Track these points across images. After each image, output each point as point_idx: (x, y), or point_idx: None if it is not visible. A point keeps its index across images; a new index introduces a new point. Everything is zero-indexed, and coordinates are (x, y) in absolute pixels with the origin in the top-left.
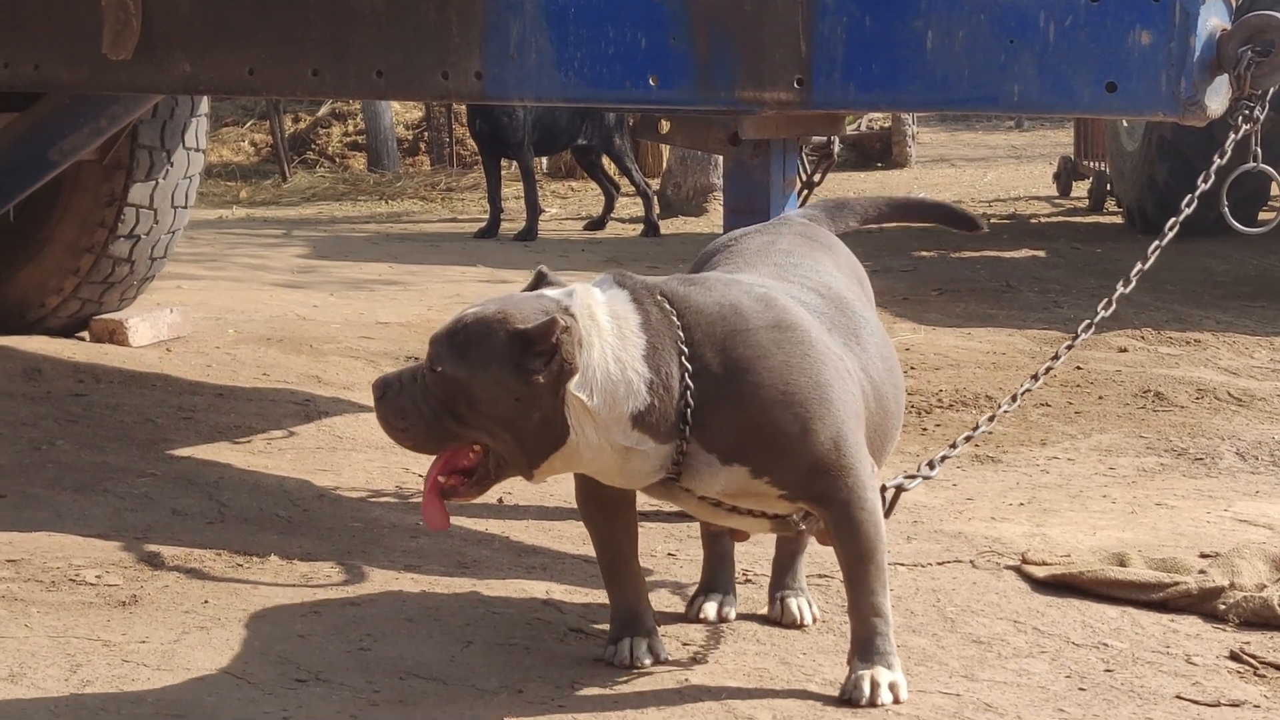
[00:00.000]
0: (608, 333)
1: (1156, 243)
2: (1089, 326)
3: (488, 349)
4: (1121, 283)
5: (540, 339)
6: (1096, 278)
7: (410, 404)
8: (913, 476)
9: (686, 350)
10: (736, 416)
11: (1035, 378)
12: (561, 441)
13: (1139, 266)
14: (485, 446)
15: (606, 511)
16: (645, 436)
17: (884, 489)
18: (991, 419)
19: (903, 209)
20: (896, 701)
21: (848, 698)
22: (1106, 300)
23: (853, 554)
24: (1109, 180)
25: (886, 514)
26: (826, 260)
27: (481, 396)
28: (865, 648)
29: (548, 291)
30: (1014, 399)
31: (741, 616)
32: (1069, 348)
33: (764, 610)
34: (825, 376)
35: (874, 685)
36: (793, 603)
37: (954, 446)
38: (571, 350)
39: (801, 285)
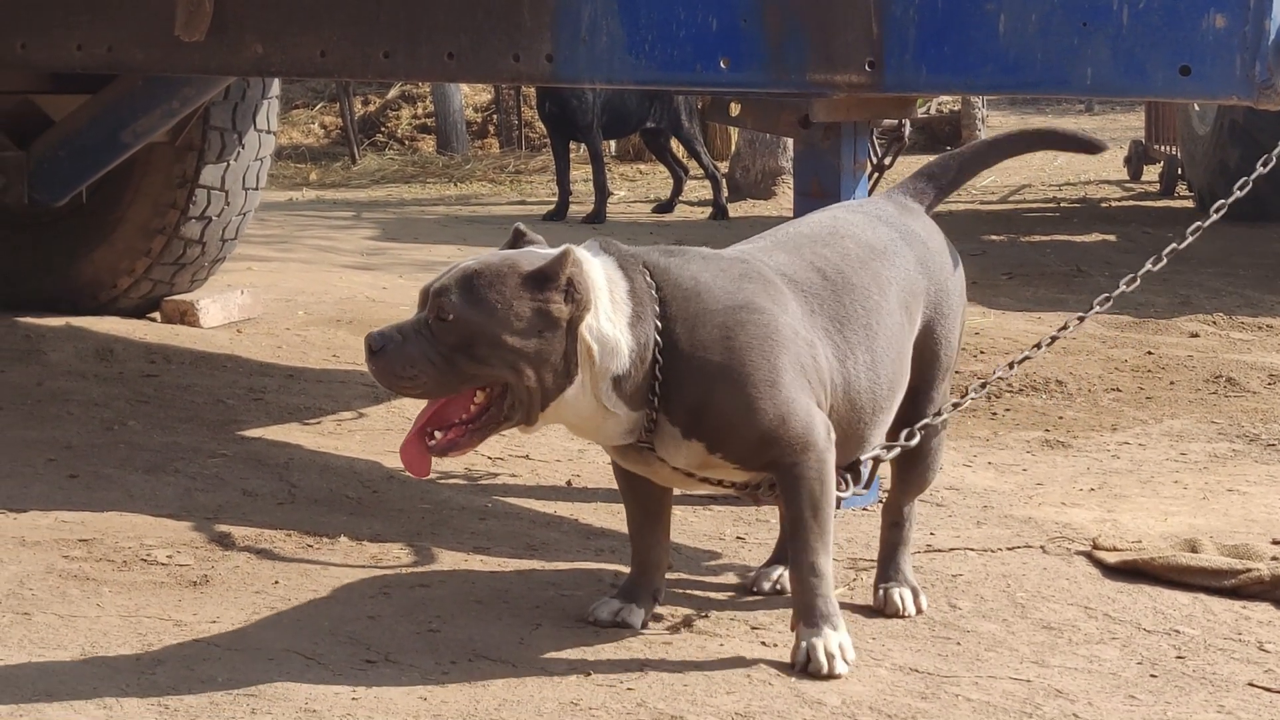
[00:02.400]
0: (602, 293)
1: (1198, 224)
2: (1123, 291)
3: (505, 290)
4: (1151, 261)
5: (555, 273)
6: (1168, 262)
7: (418, 352)
8: (891, 446)
9: (660, 325)
10: (694, 394)
11: (1053, 340)
12: (568, 384)
13: (1172, 246)
14: (496, 391)
15: (630, 482)
16: (620, 401)
17: (860, 461)
18: (984, 386)
19: (1005, 146)
20: (846, 662)
21: (802, 668)
22: (1131, 276)
23: (795, 512)
24: (1180, 164)
25: (866, 484)
26: (883, 241)
27: (504, 333)
28: (808, 612)
29: (539, 248)
30: (1011, 366)
31: None
32: (1080, 320)
33: (834, 594)
34: (778, 359)
35: (828, 655)
36: (895, 593)
37: (939, 414)
38: (585, 283)
39: (809, 265)
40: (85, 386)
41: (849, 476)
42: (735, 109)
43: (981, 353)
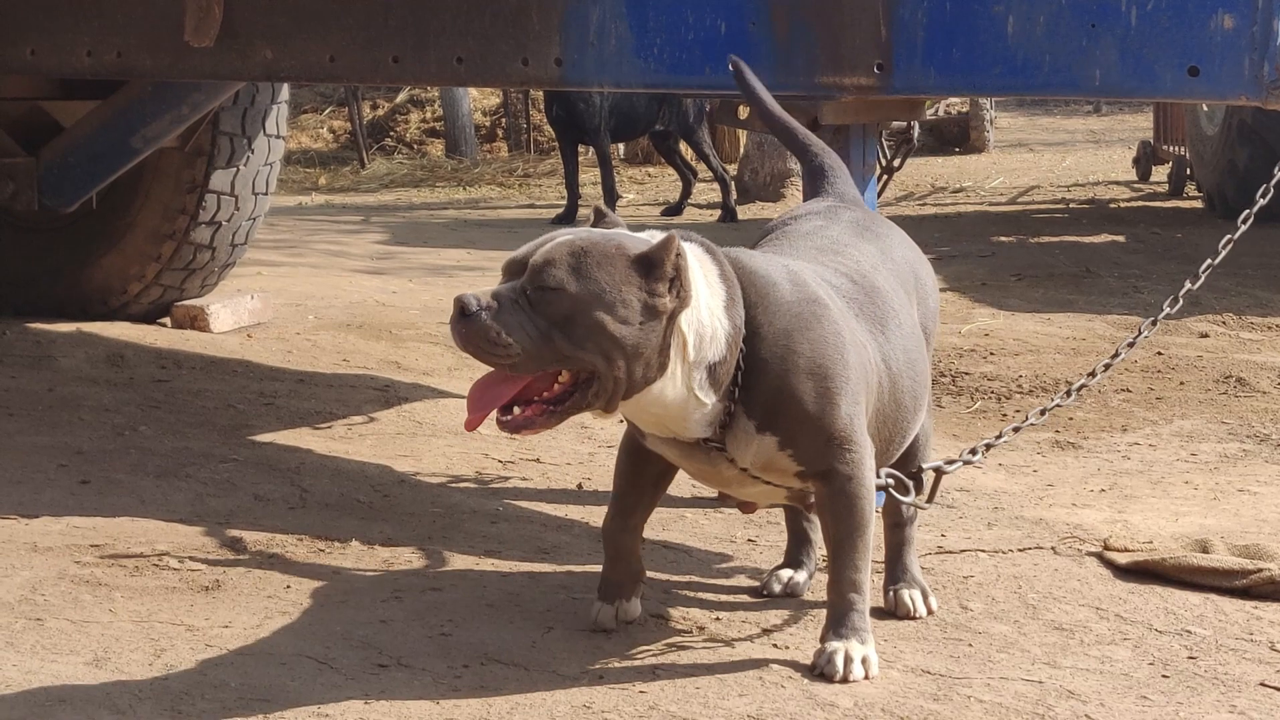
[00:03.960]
0: (699, 277)
1: (1229, 236)
2: (1168, 313)
3: (614, 270)
4: (1190, 279)
5: (661, 261)
6: (1176, 263)
7: (515, 322)
8: (953, 461)
9: (744, 312)
10: (773, 384)
11: (1107, 366)
12: (659, 376)
13: (1209, 263)
14: (582, 376)
15: (634, 463)
16: (711, 390)
17: (920, 471)
18: (1043, 413)
19: None
20: (867, 677)
21: (820, 671)
22: (1172, 297)
23: (844, 529)
24: (1189, 165)
25: (930, 498)
26: (872, 248)
27: (607, 318)
28: (841, 621)
29: (626, 231)
30: (1078, 388)
31: (823, 603)
32: (1138, 338)
33: None
34: (849, 356)
35: (847, 660)
36: (905, 594)
37: (999, 436)
38: (689, 275)
39: (835, 270)
40: (96, 392)
41: (911, 485)
42: (744, 112)
43: (991, 354)
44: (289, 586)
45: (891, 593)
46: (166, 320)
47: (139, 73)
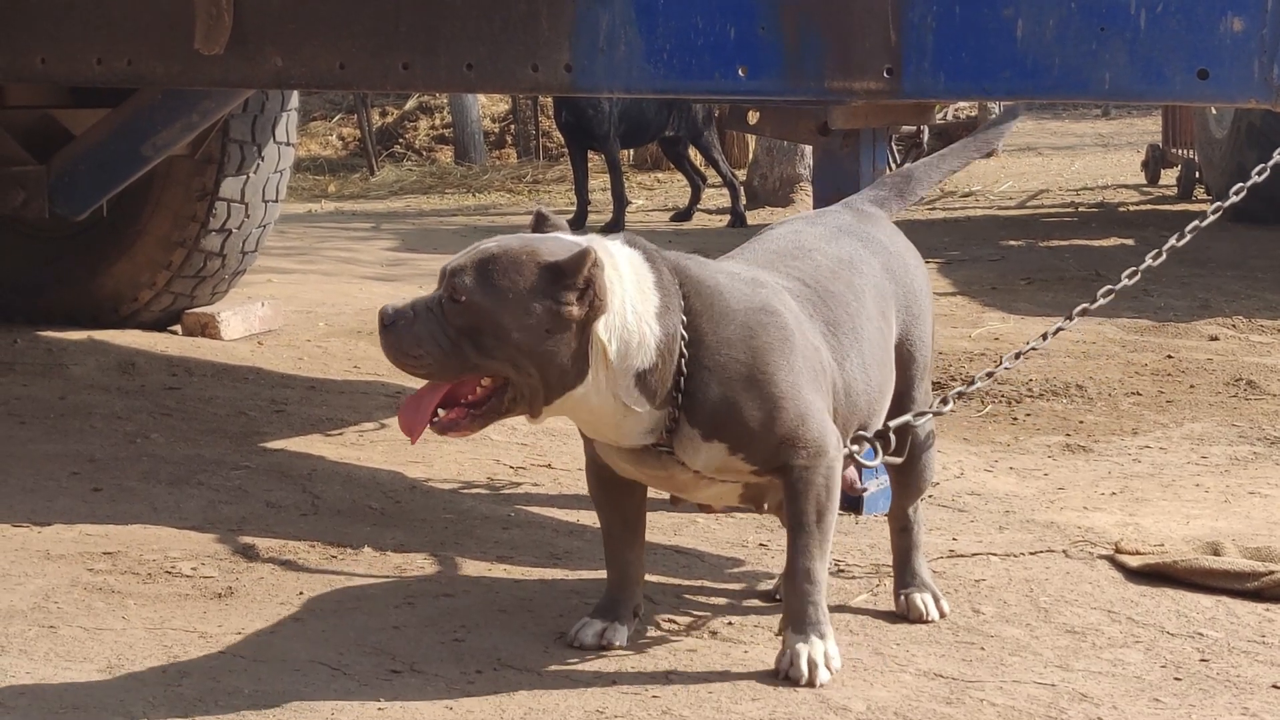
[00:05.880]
0: (629, 283)
1: (1219, 204)
2: (1110, 292)
3: (519, 280)
4: (1175, 237)
5: (573, 271)
6: (1187, 266)
7: (426, 332)
8: (922, 414)
9: (685, 319)
10: (718, 393)
11: (1085, 311)
12: (577, 383)
13: (1196, 224)
14: (501, 380)
15: (608, 494)
16: (643, 398)
17: (887, 428)
18: (1018, 356)
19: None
20: (831, 673)
21: (785, 675)
22: (1155, 251)
23: (798, 517)
24: (1198, 168)
25: (899, 452)
26: (841, 252)
27: (511, 328)
28: (798, 618)
29: (564, 235)
30: (1045, 337)
31: (835, 608)
32: (1118, 288)
33: (857, 600)
34: (796, 361)
35: (811, 664)
36: (917, 598)
37: (971, 383)
38: (603, 285)
39: (787, 275)
40: (108, 400)
41: (879, 444)
42: (753, 117)
43: (1001, 357)
44: (301, 593)
45: (903, 596)
46: (177, 328)
47: (149, 80)
